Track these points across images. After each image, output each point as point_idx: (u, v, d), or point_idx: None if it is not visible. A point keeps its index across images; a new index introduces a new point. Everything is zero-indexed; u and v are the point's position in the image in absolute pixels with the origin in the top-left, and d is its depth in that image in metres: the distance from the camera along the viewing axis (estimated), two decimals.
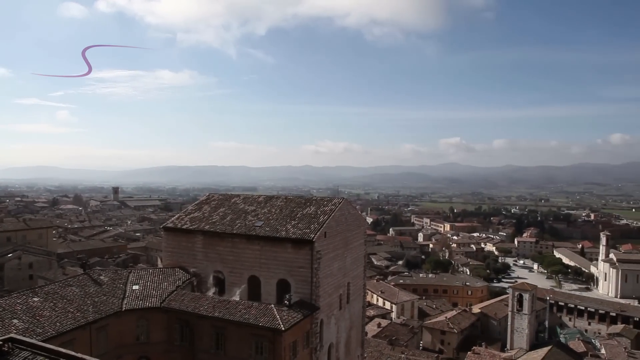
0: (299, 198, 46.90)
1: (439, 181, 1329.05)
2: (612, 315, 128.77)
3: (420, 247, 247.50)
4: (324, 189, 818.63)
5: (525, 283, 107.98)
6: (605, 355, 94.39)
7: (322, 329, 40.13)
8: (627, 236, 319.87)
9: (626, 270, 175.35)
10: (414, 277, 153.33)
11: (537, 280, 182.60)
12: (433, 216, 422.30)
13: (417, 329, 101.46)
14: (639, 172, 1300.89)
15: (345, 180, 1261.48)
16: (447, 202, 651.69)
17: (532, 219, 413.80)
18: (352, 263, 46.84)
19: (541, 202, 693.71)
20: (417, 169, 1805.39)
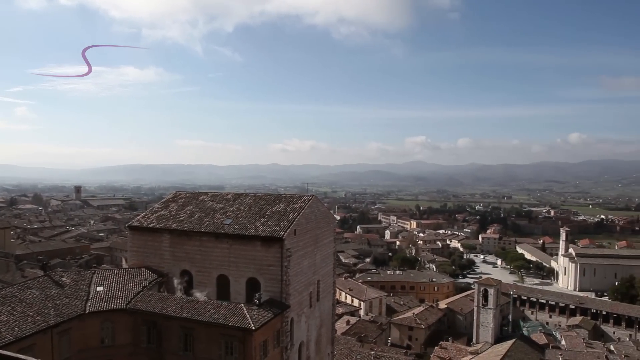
0: (268, 195, 46.39)
1: (405, 179, 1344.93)
2: (571, 308, 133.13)
3: (387, 245, 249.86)
4: (291, 187, 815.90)
5: (490, 278, 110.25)
6: (565, 346, 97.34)
7: (293, 327, 39.79)
8: (585, 231, 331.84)
9: (584, 265, 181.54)
10: (382, 274, 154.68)
11: (501, 275, 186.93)
12: (400, 214, 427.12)
13: (385, 325, 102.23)
14: (595, 170, 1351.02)
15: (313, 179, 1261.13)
16: (413, 199, 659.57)
17: (495, 216, 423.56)
18: (321, 261, 46.65)
19: (504, 199, 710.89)
20: (384, 167, 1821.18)
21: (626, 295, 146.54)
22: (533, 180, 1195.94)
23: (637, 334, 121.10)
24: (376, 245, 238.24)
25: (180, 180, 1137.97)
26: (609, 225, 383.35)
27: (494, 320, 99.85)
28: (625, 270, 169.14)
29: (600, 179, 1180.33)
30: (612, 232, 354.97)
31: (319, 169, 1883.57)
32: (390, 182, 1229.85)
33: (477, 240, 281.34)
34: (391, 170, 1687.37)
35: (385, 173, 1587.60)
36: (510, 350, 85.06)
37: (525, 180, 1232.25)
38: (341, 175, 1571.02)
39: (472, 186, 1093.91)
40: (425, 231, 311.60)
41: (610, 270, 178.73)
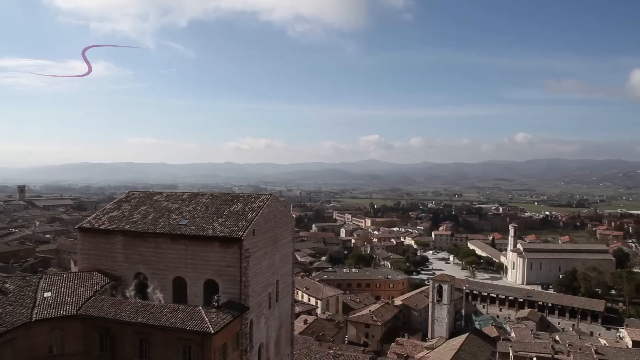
0: (226, 195, 45.39)
1: (359, 178, 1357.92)
2: (520, 301, 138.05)
3: (343, 243, 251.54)
4: (246, 186, 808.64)
5: (445, 275, 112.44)
6: (515, 337, 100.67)
7: (252, 329, 39.12)
8: (531, 227, 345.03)
9: (531, 259, 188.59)
10: (338, 273, 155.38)
11: (453, 271, 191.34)
12: (354, 212, 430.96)
13: (342, 323, 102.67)
14: (541, 169, 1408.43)
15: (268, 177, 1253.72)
16: (367, 198, 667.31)
17: (447, 213, 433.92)
18: (280, 261, 46.14)
19: (455, 197, 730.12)
20: (338, 166, 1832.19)
21: (569, 288, 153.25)
22: (482, 179, 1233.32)
23: (580, 324, 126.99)
24: (332, 244, 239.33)
25: (131, 179, 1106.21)
26: (553, 221, 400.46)
27: (448, 316, 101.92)
28: (568, 264, 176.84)
29: (545, 177, 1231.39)
30: (555, 227, 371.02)
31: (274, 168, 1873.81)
32: (345, 181, 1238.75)
33: (430, 237, 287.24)
34: (346, 169, 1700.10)
35: (340, 171, 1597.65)
36: (464, 344, 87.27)
37: (475, 178, 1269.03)
38: (296, 173, 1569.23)
39: (425, 184, 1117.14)
40: (380, 229, 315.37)
41: (554, 264, 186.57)
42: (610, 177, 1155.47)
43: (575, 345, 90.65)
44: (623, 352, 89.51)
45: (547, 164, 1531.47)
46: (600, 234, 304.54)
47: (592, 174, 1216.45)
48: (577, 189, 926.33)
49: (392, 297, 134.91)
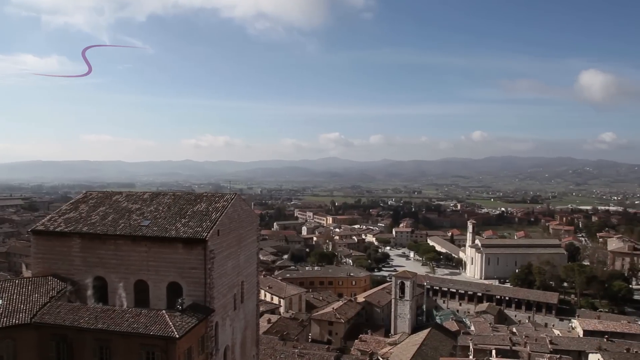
0: (189, 194, 44.30)
1: (320, 175, 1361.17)
2: (478, 295, 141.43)
3: (305, 241, 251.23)
4: (205, 184, 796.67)
5: (407, 271, 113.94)
6: (474, 331, 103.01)
7: (218, 331, 38.30)
8: (488, 223, 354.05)
9: (489, 254, 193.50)
10: (300, 271, 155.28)
11: (414, 267, 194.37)
12: (316, 210, 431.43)
13: (306, 322, 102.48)
14: (496, 166, 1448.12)
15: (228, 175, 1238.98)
16: (328, 195, 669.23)
17: (407, 210, 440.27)
18: (245, 261, 45.40)
19: (415, 194, 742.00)
20: (299, 164, 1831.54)
21: (525, 281, 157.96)
22: (441, 176, 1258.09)
23: (535, 316, 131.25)
24: (293, 242, 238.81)
25: (86, 177, 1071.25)
26: (509, 217, 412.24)
27: (410, 312, 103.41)
28: (523, 258, 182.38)
29: (500, 174, 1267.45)
30: (511, 223, 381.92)
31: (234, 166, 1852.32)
32: (306, 178, 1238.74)
33: (391, 234, 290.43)
34: (306, 166, 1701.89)
35: (301, 169, 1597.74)
36: (427, 338, 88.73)
37: (433, 175, 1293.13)
38: (256, 171, 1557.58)
39: (385, 182, 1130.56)
40: (341, 226, 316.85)
41: (511, 258, 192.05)
42: (561, 174, 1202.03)
43: (531, 337, 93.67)
44: (575, 341, 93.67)
45: (502, 161, 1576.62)
46: (553, 229, 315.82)
47: (545, 171, 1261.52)
48: (531, 186, 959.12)
49: (355, 294, 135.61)
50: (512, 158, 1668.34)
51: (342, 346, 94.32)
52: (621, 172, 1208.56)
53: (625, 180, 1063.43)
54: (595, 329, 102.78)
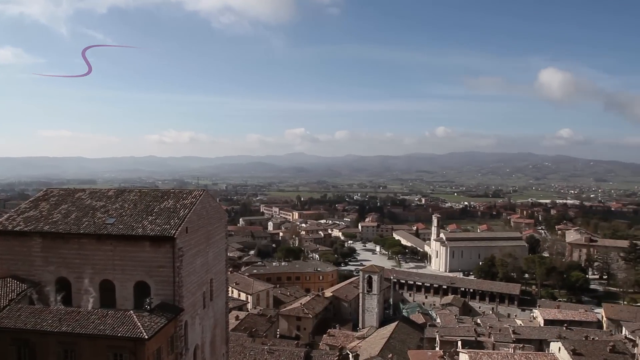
0: (155, 191, 43.14)
1: (285, 171, 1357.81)
2: (444, 288, 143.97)
3: (271, 236, 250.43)
4: (169, 180, 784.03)
5: (374, 265, 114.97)
6: (440, 323, 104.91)
7: (187, 331, 37.53)
8: (452, 217, 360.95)
9: (453, 248, 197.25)
10: (267, 266, 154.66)
11: (380, 261, 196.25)
12: (282, 205, 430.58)
13: (274, 317, 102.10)
14: (459, 161, 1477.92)
15: (193, 171, 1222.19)
16: (294, 191, 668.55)
17: (372, 205, 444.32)
18: (214, 258, 44.69)
19: (380, 189, 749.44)
20: (265, 159, 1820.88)
21: (488, 273, 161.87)
22: (406, 171, 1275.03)
23: (498, 307, 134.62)
24: (260, 237, 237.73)
25: (45, 174, 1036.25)
26: (472, 211, 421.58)
27: (378, 305, 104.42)
28: (487, 251, 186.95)
29: (463, 169, 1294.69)
30: (474, 217, 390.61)
31: (199, 161, 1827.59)
32: (272, 174, 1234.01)
33: (357, 228, 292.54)
34: (272, 162, 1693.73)
35: (266, 164, 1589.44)
36: (394, 332, 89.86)
37: (398, 170, 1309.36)
38: (222, 167, 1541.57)
39: (350, 177, 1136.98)
40: (307, 221, 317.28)
41: (474, 251, 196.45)
42: (522, 169, 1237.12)
43: (495, 327, 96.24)
44: (536, 330, 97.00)
45: (465, 156, 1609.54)
46: (514, 222, 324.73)
47: (506, 166, 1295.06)
48: (493, 180, 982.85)
49: (322, 289, 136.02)
50: (475, 153, 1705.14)
51: (310, 341, 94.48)
52: (578, 167, 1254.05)
53: (582, 174, 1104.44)
54: (555, 318, 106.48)
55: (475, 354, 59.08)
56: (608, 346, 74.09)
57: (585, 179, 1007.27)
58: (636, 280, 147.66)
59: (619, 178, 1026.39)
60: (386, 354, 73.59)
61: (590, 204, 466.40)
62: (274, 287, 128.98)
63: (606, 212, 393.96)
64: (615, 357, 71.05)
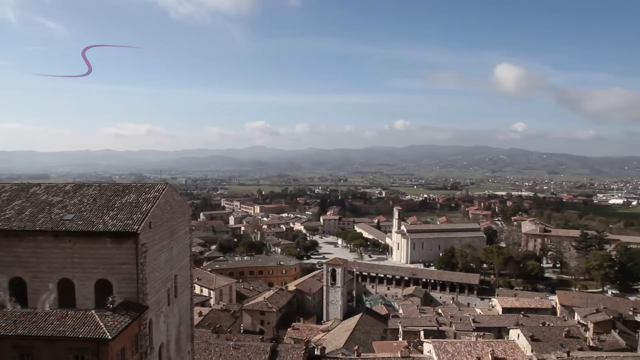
0: (116, 185, 41.47)
1: (246, 164, 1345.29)
2: (405, 279, 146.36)
3: (233, 231, 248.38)
4: (127, 175, 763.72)
5: (338, 258, 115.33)
6: (403, 314, 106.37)
7: (152, 329, 36.31)
8: (412, 209, 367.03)
9: (414, 239, 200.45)
10: (229, 261, 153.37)
11: (342, 253, 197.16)
12: (243, 199, 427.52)
13: (237, 312, 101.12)
14: (418, 154, 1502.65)
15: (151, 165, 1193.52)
16: (255, 184, 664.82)
17: (334, 198, 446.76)
18: (178, 254, 43.44)
19: (341, 182, 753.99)
20: (224, 153, 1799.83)
21: (448, 264, 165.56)
22: (366, 164, 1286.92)
23: (459, 297, 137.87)
24: (221, 232, 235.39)
25: None
26: (431, 203, 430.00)
27: (342, 298, 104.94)
28: (446, 242, 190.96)
29: (422, 162, 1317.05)
30: (433, 209, 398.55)
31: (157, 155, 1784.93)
32: (232, 167, 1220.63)
33: (319, 222, 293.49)
34: (232, 155, 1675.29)
35: (226, 158, 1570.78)
36: (359, 323, 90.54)
37: (359, 163, 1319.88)
38: (181, 160, 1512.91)
39: (311, 170, 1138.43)
40: (269, 215, 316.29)
41: (435, 243, 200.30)
42: (479, 161, 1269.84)
43: (456, 317, 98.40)
44: (495, 318, 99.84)
45: (424, 150, 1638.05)
46: (472, 213, 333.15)
47: (463, 159, 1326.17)
48: (451, 173, 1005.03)
49: (286, 283, 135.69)
50: (433, 147, 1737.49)
51: (275, 335, 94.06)
52: (531, 159, 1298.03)
53: (535, 167, 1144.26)
54: (513, 306, 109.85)
55: (440, 343, 59.97)
56: (563, 331, 77.12)
57: (538, 171, 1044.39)
58: (587, 268, 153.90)
59: (570, 170, 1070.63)
60: (351, 345, 73.92)
61: (544, 196, 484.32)
62: (236, 282, 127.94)
63: (558, 203, 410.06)
64: (570, 341, 73.89)
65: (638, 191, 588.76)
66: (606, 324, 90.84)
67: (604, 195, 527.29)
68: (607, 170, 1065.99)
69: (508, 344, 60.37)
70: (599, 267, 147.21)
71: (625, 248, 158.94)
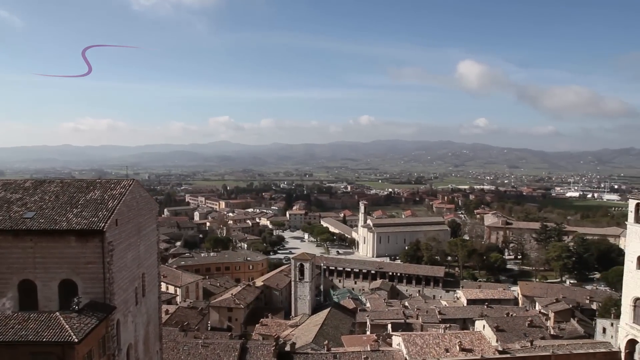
0: (80, 182, 39.86)
1: (210, 159, 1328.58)
2: (372, 273, 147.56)
3: (198, 227, 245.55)
4: (87, 171, 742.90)
5: (305, 253, 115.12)
6: (370, 307, 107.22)
7: (119, 330, 35.15)
8: (377, 204, 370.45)
9: (380, 233, 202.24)
10: (196, 257, 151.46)
11: (308, 248, 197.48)
12: (207, 194, 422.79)
13: (205, 310, 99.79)
14: (383, 149, 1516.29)
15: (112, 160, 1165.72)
16: (220, 180, 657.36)
17: (299, 193, 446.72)
18: (145, 251, 42.22)
19: (306, 177, 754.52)
20: (188, 148, 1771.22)
21: (414, 257, 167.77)
22: (331, 159, 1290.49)
23: (424, 289, 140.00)
24: (186, 228, 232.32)
25: None
26: (396, 197, 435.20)
27: (310, 293, 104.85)
28: (412, 236, 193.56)
29: (387, 156, 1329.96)
30: (398, 203, 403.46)
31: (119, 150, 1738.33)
32: (196, 163, 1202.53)
33: (285, 217, 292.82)
34: (196, 150, 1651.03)
35: (190, 153, 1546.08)
36: (327, 318, 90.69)
37: (324, 158, 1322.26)
38: (143, 156, 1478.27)
39: (276, 165, 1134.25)
40: (235, 211, 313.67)
41: (400, 236, 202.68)
42: (442, 156, 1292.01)
43: (422, 309, 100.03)
44: (460, 309, 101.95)
45: (389, 145, 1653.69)
46: (436, 207, 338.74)
47: (427, 154, 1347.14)
48: (415, 168, 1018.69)
49: (253, 279, 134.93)
50: (398, 142, 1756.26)
51: (243, 332, 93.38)
52: (493, 154, 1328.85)
53: (496, 161, 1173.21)
54: (477, 297, 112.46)
55: (409, 336, 60.63)
56: (526, 321, 79.30)
57: (499, 165, 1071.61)
58: (546, 259, 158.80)
59: (529, 165, 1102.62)
60: (320, 340, 73.92)
61: (505, 189, 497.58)
62: (203, 279, 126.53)
63: (519, 196, 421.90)
64: (532, 330, 76.06)
65: (593, 185, 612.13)
66: (565, 312, 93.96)
67: (562, 189, 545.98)
68: (564, 164, 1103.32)
69: (475, 335, 61.60)
70: (557, 258, 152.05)
71: (582, 239, 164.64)
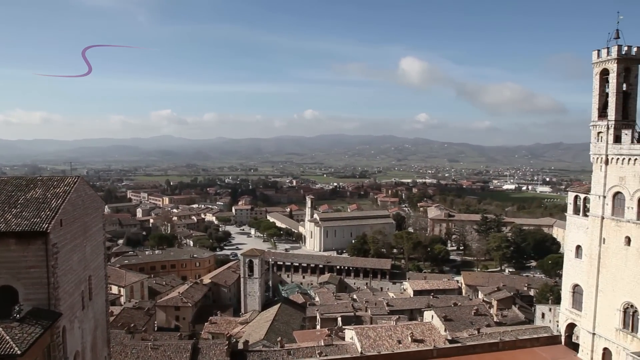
0: (18, 179, 37.27)
1: (152, 154, 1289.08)
2: (320, 267, 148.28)
3: (141, 223, 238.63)
4: (19, 166, 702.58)
5: (255, 249, 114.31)
6: (319, 301, 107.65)
7: (66, 337, 33.16)
8: (323, 198, 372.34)
9: (327, 227, 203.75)
10: (140, 256, 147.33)
11: (255, 243, 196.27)
12: (150, 190, 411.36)
13: (151, 309, 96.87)
14: (328, 143, 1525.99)
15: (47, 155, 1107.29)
16: (162, 175, 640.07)
17: (245, 188, 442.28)
18: (92, 252, 40.12)
19: (251, 171, 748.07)
20: (129, 142, 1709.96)
21: (361, 251, 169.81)
22: (276, 153, 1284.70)
23: (372, 282, 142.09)
24: (129, 225, 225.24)
25: None
26: (341, 191, 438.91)
27: (260, 289, 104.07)
28: (358, 229, 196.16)
29: (331, 151, 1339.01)
30: (343, 197, 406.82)
31: (55, 144, 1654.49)
32: (137, 158, 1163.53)
33: (231, 212, 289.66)
34: (137, 145, 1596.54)
35: (131, 148, 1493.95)
36: (277, 314, 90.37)
37: (269, 153, 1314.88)
38: (81, 151, 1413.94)
39: (220, 159, 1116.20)
40: (179, 207, 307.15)
41: (347, 230, 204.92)
42: (385, 150, 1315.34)
43: (370, 301, 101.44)
44: (408, 301, 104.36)
45: (333, 139, 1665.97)
46: (381, 200, 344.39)
47: (371, 148, 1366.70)
48: (359, 162, 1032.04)
49: (200, 276, 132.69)
50: (342, 136, 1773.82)
51: (192, 331, 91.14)
52: (434, 148, 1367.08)
53: (437, 155, 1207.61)
54: (423, 288, 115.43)
55: (361, 329, 61.18)
56: (472, 310, 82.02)
57: (440, 159, 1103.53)
58: (487, 249, 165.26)
59: (469, 159, 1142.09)
60: (272, 337, 73.51)
61: (446, 183, 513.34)
62: (148, 278, 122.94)
63: (459, 189, 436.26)
64: (478, 319, 78.75)
65: (527, 177, 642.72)
66: (507, 300, 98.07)
67: (498, 182, 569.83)
68: (501, 158, 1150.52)
69: (425, 326, 63.02)
70: (497, 248, 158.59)
71: (519, 230, 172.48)
